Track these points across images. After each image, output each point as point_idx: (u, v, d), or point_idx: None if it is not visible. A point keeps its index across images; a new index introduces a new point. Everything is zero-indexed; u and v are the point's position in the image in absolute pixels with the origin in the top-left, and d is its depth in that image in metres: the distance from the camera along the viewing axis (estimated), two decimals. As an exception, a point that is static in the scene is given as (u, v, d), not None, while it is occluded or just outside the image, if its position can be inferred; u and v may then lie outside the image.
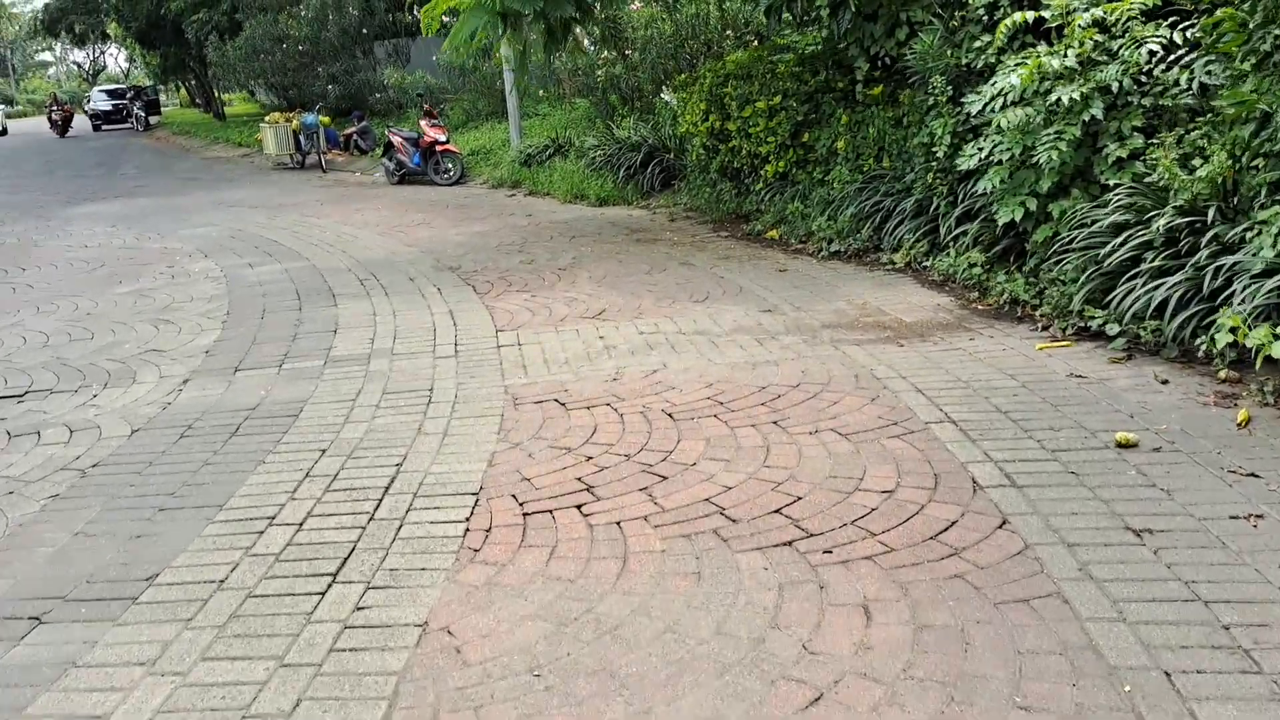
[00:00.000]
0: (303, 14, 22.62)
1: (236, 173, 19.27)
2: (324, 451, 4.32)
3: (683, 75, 11.48)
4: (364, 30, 23.06)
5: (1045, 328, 5.68)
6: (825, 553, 3.19)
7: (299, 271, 8.59)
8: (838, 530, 3.33)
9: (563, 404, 4.81)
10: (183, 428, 4.76)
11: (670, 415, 4.55)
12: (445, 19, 8.53)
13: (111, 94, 43.95)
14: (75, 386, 5.54)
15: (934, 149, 7.23)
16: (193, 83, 44.15)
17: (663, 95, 14.56)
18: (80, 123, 43.77)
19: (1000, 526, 3.30)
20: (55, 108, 38.31)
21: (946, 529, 3.30)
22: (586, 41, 15.82)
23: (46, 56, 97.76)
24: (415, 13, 21.14)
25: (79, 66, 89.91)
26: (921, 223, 7.60)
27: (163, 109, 55.35)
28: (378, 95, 21.44)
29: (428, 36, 8.69)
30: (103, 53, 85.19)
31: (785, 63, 9.86)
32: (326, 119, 19.19)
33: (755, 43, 13.33)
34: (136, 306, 7.53)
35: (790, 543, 3.27)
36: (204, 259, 9.48)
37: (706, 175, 11.24)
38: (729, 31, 13.56)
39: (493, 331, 6.25)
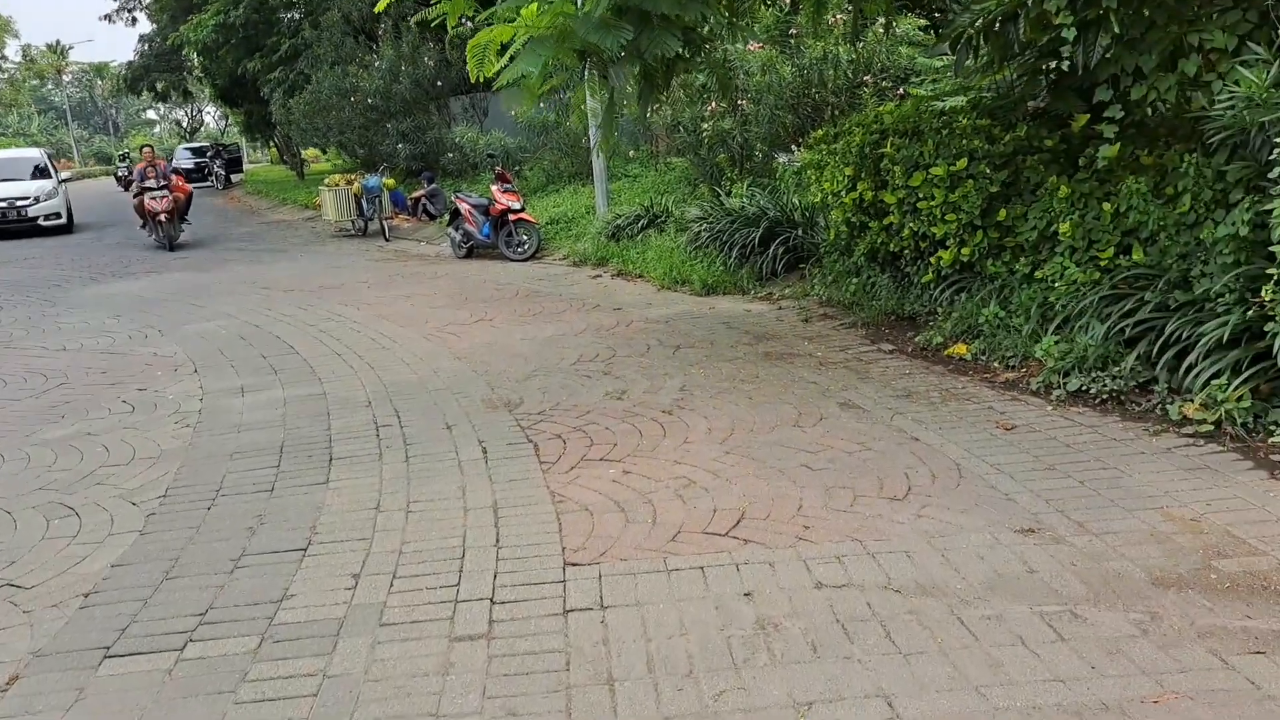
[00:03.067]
0: (375, 64, 20.84)
1: (292, 240, 17.34)
2: None
3: (820, 130, 8.92)
4: (439, 83, 21.19)
5: None
6: None
7: (300, 405, 6.19)
8: None
9: None
10: None
11: None
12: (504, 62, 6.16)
13: (195, 152, 43.55)
14: None
15: (1275, 245, 4.48)
16: (280, 139, 43.52)
17: (779, 158, 12.06)
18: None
19: None
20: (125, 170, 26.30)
21: None
22: (681, 92, 13.44)
23: (152, 115, 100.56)
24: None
25: (179, 124, 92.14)
26: (1238, 357, 4.82)
27: (251, 165, 55.29)
28: (450, 155, 19.43)
29: (475, 81, 6.30)
30: (199, 110, 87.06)
31: (966, 115, 7.24)
32: (391, 181, 17.20)
33: (900, 94, 10.74)
34: (52, 470, 5.18)
35: None
36: (190, 376, 7.17)
37: (848, 259, 8.61)
38: (866, 77, 11.00)
39: (559, 563, 3.67)
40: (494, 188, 13.07)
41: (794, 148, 10.87)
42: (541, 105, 16.68)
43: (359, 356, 7.50)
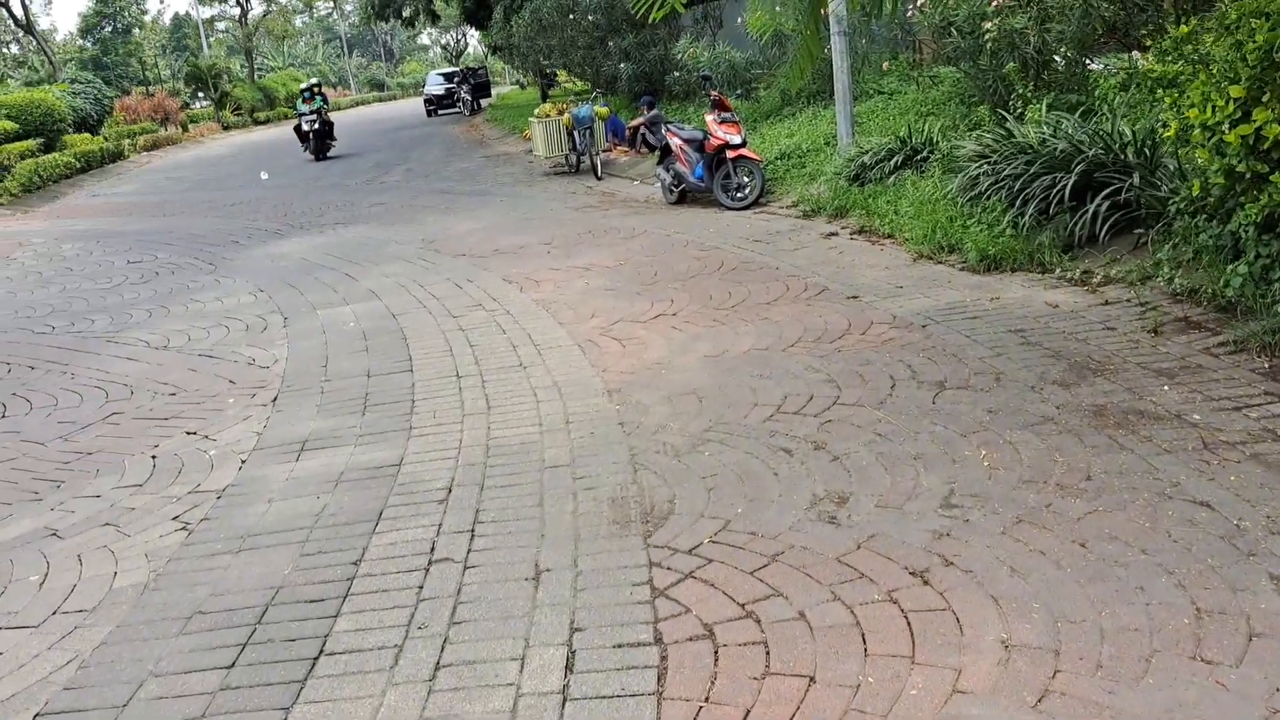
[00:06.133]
0: (598, -24, 18.60)
1: (501, 180, 15.67)
2: None
3: (1186, 25, 5.73)
4: (668, -8, 18.61)
5: None
6: None
7: (353, 492, 4.16)
8: None
9: None
10: None
11: None
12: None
13: (447, 77, 43.38)
14: None
15: None
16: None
17: (1093, 66, 8.75)
18: (414, 108, 43.93)
19: None
20: (308, 114, 22.24)
21: None
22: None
23: (425, 39, 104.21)
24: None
25: (444, 49, 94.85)
26: None
27: (508, 89, 55.07)
28: (676, 74, 16.96)
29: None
30: (464, 34, 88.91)
31: None
32: (604, 110, 15.01)
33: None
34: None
35: None
36: (261, 410, 5.37)
37: (1221, 228, 5.47)
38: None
39: None
40: (709, 118, 10.53)
41: (1134, 54, 7.57)
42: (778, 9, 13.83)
43: (481, 383, 5.40)
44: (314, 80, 23.09)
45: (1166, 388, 4.30)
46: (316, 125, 22.11)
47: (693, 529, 3.47)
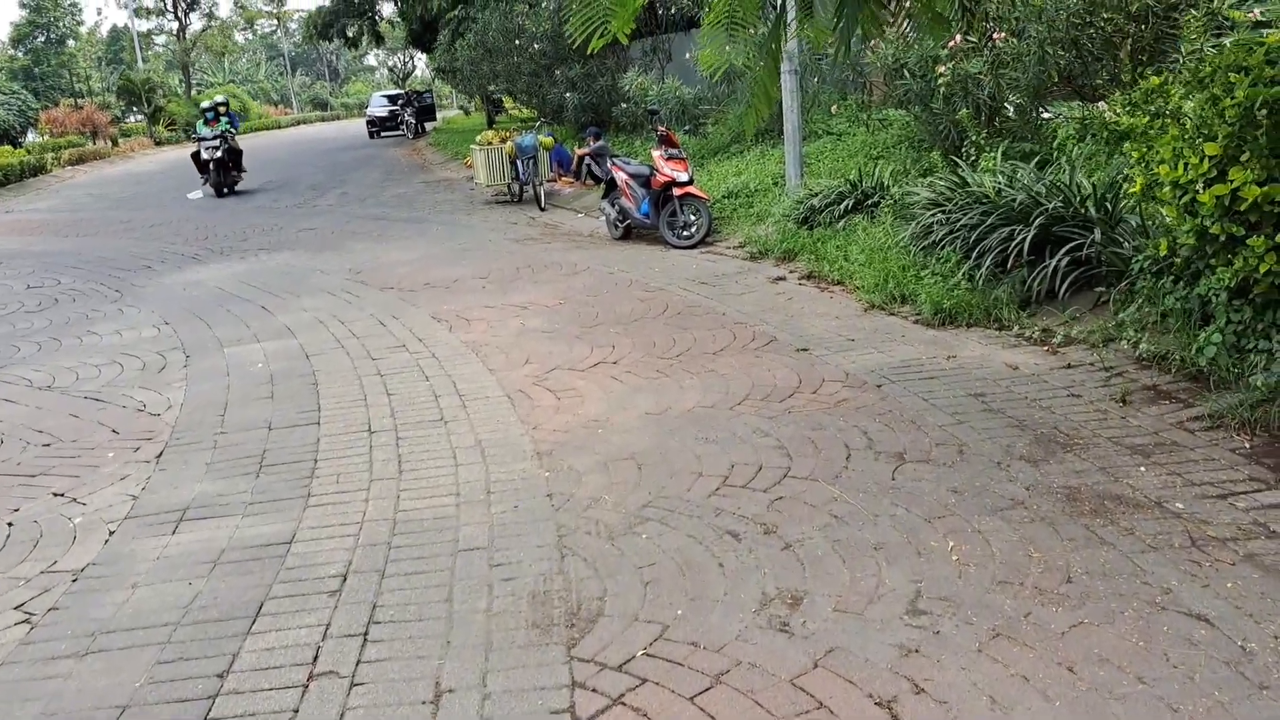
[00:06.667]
0: (542, 4, 18.23)
1: (440, 207, 15.12)
2: None
3: (1156, 77, 5.47)
4: (617, 22, 18.32)
5: None
6: None
7: (230, 579, 3.60)
8: None
9: None
10: None
11: None
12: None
13: (391, 99, 42.63)
14: None
15: None
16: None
17: (1046, 115, 8.56)
18: (357, 129, 43.13)
19: None
20: (210, 140, 18.03)
21: None
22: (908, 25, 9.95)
23: (371, 60, 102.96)
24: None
25: (391, 71, 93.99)
26: None
27: (455, 113, 54.31)
28: (623, 106, 16.62)
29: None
30: (412, 56, 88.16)
31: None
32: (549, 140, 14.57)
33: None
34: None
35: None
36: (142, 468, 4.77)
37: (1189, 291, 5.20)
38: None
39: None
40: (656, 153, 10.15)
41: (1100, 105, 7.35)
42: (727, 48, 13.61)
43: (396, 441, 4.87)
44: (219, 99, 19.24)
45: (1143, 468, 3.95)
46: (219, 154, 18.11)
47: (625, 636, 2.99)
